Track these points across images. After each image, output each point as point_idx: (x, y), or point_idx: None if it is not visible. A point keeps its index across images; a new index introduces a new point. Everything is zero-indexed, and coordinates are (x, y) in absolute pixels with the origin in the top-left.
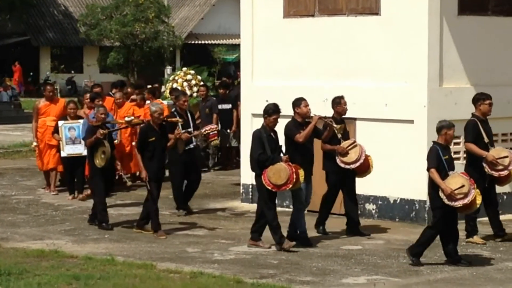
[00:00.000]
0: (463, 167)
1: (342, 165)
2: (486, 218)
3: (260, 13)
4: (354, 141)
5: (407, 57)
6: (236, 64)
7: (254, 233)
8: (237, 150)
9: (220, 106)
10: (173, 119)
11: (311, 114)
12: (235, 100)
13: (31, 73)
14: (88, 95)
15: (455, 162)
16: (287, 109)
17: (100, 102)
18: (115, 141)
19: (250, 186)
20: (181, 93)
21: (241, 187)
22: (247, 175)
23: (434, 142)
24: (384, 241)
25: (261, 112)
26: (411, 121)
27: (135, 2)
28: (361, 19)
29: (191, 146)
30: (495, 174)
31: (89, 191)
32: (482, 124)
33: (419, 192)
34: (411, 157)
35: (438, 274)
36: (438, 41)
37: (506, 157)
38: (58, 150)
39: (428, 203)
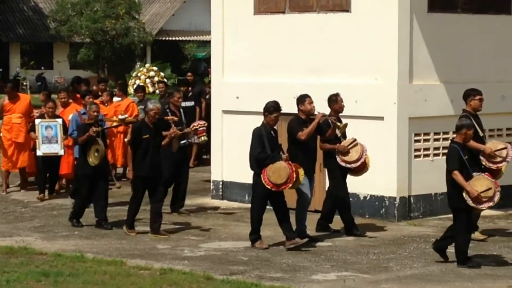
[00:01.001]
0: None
1: (343, 164)
2: None
3: (231, 10)
4: (355, 140)
5: (377, 54)
6: (207, 60)
7: (290, 233)
8: (200, 147)
9: (182, 104)
10: (169, 118)
11: (315, 112)
12: (198, 97)
13: (1, 69)
14: (62, 94)
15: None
16: (257, 106)
17: (91, 100)
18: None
19: (220, 183)
20: (175, 90)
21: (212, 184)
22: (217, 172)
23: (452, 141)
24: (354, 238)
25: (232, 108)
26: (381, 118)
27: None
28: (331, 16)
29: (184, 143)
30: (493, 166)
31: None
32: (474, 119)
33: (389, 188)
34: (381, 153)
35: (408, 270)
36: (408, 38)
37: (503, 149)
38: (34, 149)
39: (398, 200)
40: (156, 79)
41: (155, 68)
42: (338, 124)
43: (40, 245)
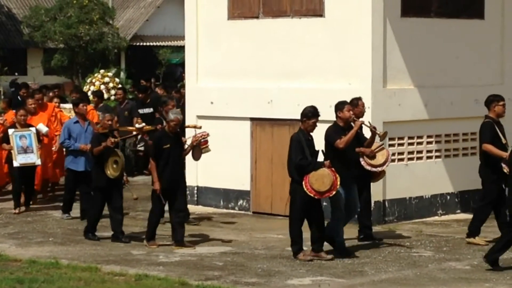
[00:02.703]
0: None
1: (368, 167)
2: None
3: (205, 15)
4: (382, 144)
5: (351, 58)
6: (182, 65)
7: (317, 245)
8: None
9: (141, 111)
10: (190, 125)
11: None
12: (156, 103)
13: None
14: (30, 100)
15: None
16: (231, 111)
17: (85, 107)
18: (53, 148)
19: (195, 188)
20: (169, 98)
21: (186, 189)
22: (191, 177)
23: None
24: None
25: (206, 114)
26: None
27: (79, 4)
28: (305, 20)
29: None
30: None
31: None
32: (497, 126)
33: None
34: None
35: (383, 275)
36: (381, 42)
37: None
38: (7, 161)
39: (372, 204)
40: (111, 85)
41: (110, 74)
42: (378, 132)
43: (15, 251)
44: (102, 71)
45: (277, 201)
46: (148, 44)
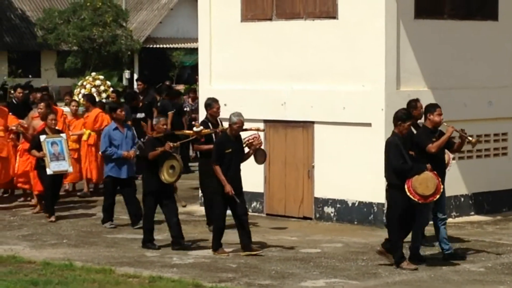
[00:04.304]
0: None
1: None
2: None
3: (218, 17)
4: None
5: (365, 60)
6: (194, 67)
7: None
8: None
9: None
10: (253, 128)
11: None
12: (150, 108)
13: None
14: (42, 104)
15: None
16: (245, 113)
17: (123, 113)
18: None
19: None
20: (213, 100)
21: (200, 191)
22: None
23: None
24: (342, 244)
25: (220, 116)
26: (369, 124)
27: (93, 6)
28: (318, 23)
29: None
30: None
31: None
32: None
33: (377, 195)
34: (369, 160)
35: (397, 277)
36: (395, 44)
37: None
38: (37, 167)
39: (386, 206)
40: (102, 88)
41: (101, 77)
42: (470, 138)
43: (29, 253)
44: (93, 74)
45: (290, 203)
46: (161, 46)
